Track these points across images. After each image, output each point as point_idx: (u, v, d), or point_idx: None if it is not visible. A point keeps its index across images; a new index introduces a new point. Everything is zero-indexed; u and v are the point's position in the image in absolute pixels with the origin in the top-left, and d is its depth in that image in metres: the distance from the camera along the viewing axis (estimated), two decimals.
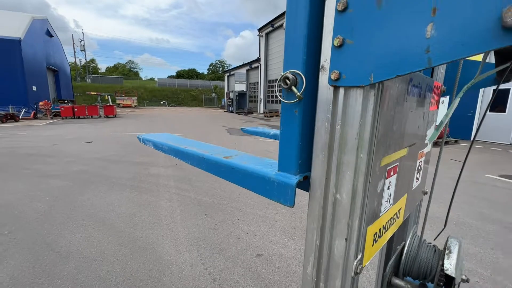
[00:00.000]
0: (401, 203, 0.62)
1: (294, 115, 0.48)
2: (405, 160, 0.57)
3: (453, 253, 0.57)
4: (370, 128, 0.39)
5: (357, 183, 0.41)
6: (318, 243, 0.46)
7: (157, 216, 3.47)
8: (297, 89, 0.45)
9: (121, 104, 30.36)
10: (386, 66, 0.33)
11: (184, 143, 0.89)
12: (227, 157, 0.66)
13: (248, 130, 1.56)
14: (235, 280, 2.31)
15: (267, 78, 26.70)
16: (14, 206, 3.68)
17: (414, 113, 0.57)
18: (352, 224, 0.42)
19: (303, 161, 0.50)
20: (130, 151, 7.46)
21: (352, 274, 0.43)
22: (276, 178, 0.51)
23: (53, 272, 2.36)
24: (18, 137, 9.64)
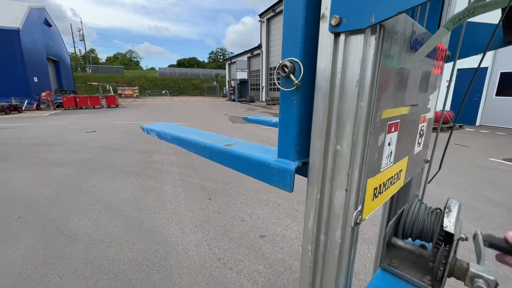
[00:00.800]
0: (402, 165, 0.62)
1: (293, 102, 0.48)
2: (406, 120, 0.57)
3: (452, 211, 0.58)
4: (370, 75, 0.39)
5: (357, 133, 0.41)
6: (318, 196, 0.47)
7: (162, 201, 3.53)
8: (295, 77, 0.46)
9: (122, 94, 30.27)
10: (387, 4, 0.33)
11: (187, 132, 0.90)
12: (229, 145, 0.67)
13: (250, 119, 1.56)
14: (239, 259, 2.37)
15: (269, 65, 26.31)
16: (23, 193, 3.76)
17: (417, 71, 0.56)
18: (352, 175, 0.43)
19: (301, 148, 0.51)
20: (133, 140, 7.51)
21: (352, 225, 0.44)
22: (275, 164, 0.53)
23: (63, 253, 2.44)
24: (22, 127, 9.73)
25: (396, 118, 0.52)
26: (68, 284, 2.05)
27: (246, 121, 1.59)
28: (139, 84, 35.89)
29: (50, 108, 16.88)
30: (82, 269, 2.22)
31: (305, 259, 0.51)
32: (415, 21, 0.50)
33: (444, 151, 0.76)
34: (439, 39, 0.40)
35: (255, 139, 7.62)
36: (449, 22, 0.38)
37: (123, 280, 2.11)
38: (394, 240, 0.63)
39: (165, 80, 42.92)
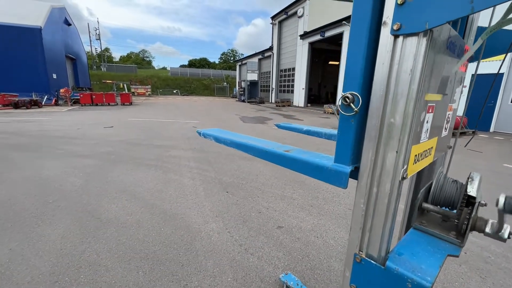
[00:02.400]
0: (433, 143, 0.76)
1: (351, 124, 0.66)
2: (439, 105, 0.71)
3: (475, 180, 0.72)
4: (420, 67, 0.54)
5: (408, 108, 0.56)
6: (373, 158, 0.61)
7: (183, 192, 3.72)
8: (354, 105, 0.63)
9: (135, 92, 30.98)
10: (438, 15, 0.48)
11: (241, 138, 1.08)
12: (288, 151, 0.85)
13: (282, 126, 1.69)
14: (259, 246, 2.52)
15: (279, 67, 26.46)
16: (54, 180, 4.02)
17: (449, 66, 0.70)
18: (402, 140, 0.57)
19: (354, 156, 0.68)
20: (150, 135, 7.78)
21: (400, 179, 0.59)
22: (333, 168, 0.70)
23: (97, 234, 2.64)
24: (44, 121, 10.18)
25: (433, 102, 0.66)
26: (105, 261, 2.24)
27: (278, 128, 1.73)
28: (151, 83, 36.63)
29: (67, 104, 17.50)
30: (116, 249, 2.42)
31: (357, 209, 0.66)
32: (450, 27, 0.65)
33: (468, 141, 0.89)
34: (477, 47, 0.55)
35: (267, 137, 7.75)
36: (484, 34, 0.53)
37: (154, 259, 2.29)
38: (425, 205, 0.77)
39: (176, 79, 43.64)
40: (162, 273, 2.12)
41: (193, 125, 10.10)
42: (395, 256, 0.65)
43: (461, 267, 2.32)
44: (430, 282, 0.56)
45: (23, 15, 18.82)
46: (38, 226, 2.75)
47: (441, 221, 0.79)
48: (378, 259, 0.64)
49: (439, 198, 0.77)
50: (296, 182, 4.23)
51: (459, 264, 2.36)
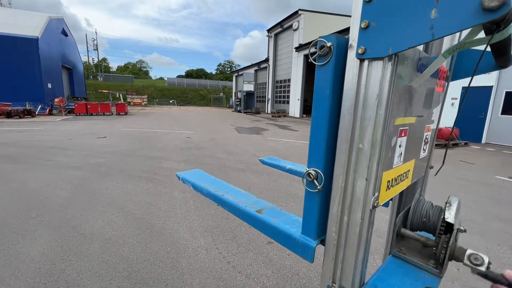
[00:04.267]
0: (410, 166, 0.73)
1: (315, 199, 0.66)
2: (414, 128, 0.69)
3: (452, 206, 0.69)
4: (387, 91, 0.52)
5: (376, 134, 0.53)
6: (343, 184, 0.58)
7: (172, 205, 3.64)
8: (317, 183, 0.63)
9: (131, 102, 30.96)
10: (401, 41, 0.46)
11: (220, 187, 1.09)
12: (259, 211, 0.85)
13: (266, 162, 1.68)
14: (248, 263, 2.44)
15: (275, 78, 26.81)
16: (39, 193, 3.91)
17: (423, 89, 0.69)
18: (371, 167, 0.55)
19: (320, 230, 0.68)
20: (143, 146, 7.70)
21: (370, 208, 0.56)
22: (300, 240, 0.69)
23: (79, 251, 2.54)
24: (36, 131, 10.04)
25: (406, 125, 0.64)
26: (85, 280, 2.14)
27: (262, 163, 1.72)
28: (148, 93, 36.72)
29: (62, 113, 17.37)
30: (98, 267, 2.32)
31: (330, 238, 0.63)
32: (420, 50, 0.63)
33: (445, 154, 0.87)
34: (438, 65, 0.54)
35: (262, 148, 7.75)
36: (446, 52, 0.52)
37: (137, 278, 2.19)
38: (403, 231, 0.74)
39: (173, 89, 43.86)
40: None
41: (187, 135, 10.05)
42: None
43: (454, 284, 2.27)
44: None
45: (22, 26, 18.94)
46: (18, 243, 2.64)
47: (420, 247, 0.75)
48: None
49: (417, 224, 0.74)
50: (289, 194, 4.17)
51: (452, 281, 2.30)
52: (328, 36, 0.57)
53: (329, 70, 0.58)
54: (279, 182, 4.75)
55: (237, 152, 7.22)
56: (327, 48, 0.57)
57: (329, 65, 0.58)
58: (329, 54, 0.57)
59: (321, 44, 0.58)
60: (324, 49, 0.57)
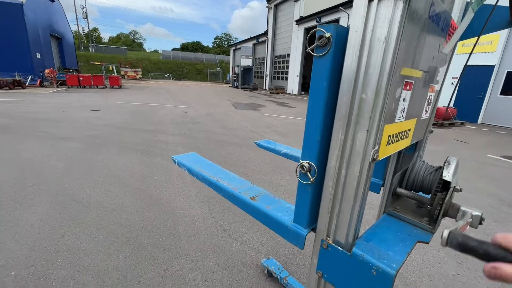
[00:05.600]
0: (411, 124, 0.71)
1: (308, 191, 0.67)
2: (419, 84, 0.66)
3: (451, 165, 0.68)
4: (396, 34, 0.48)
5: (381, 83, 0.50)
6: (342, 137, 0.56)
7: (169, 177, 3.66)
8: (310, 175, 0.64)
9: (125, 75, 30.00)
10: None
11: (215, 172, 1.09)
12: (253, 198, 0.86)
13: (262, 145, 1.65)
14: (243, 231, 2.52)
15: (274, 53, 25.97)
16: (34, 163, 3.89)
17: (431, 40, 0.65)
18: (373, 118, 0.52)
19: (311, 220, 0.70)
20: (138, 119, 7.59)
21: (370, 160, 0.54)
22: (291, 228, 0.72)
23: (77, 218, 2.58)
24: (27, 103, 9.78)
25: (411, 78, 0.61)
26: (85, 245, 2.20)
27: (258, 146, 1.68)
28: (142, 66, 35.51)
29: (53, 85, 16.84)
30: (97, 233, 2.37)
31: (326, 193, 0.62)
32: None
33: None
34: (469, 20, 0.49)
35: (259, 124, 7.70)
36: (474, 4, 0.47)
37: (136, 244, 2.25)
38: (399, 190, 0.74)
39: (168, 63, 42.42)
40: (143, 257, 2.10)
41: (183, 110, 9.90)
42: (363, 242, 0.61)
43: (439, 252, 2.38)
44: (395, 269, 0.53)
45: None
46: (16, 209, 2.66)
47: (415, 207, 0.76)
48: (345, 245, 0.61)
49: (414, 183, 0.74)
50: (284, 169, 4.22)
51: (438, 250, 2.42)
52: (327, 26, 0.53)
53: (327, 62, 0.56)
54: (276, 156, 4.77)
55: (234, 127, 7.17)
56: (326, 39, 0.54)
57: (327, 56, 0.56)
58: (328, 45, 0.55)
59: (319, 34, 0.55)
60: (322, 40, 0.55)
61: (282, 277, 1.86)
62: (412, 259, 2.27)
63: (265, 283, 1.91)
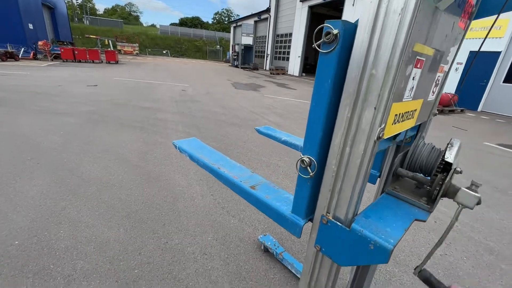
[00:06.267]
0: (417, 105, 0.71)
1: (307, 184, 0.69)
2: (429, 62, 0.65)
3: (454, 147, 0.68)
4: (413, 6, 0.46)
5: (393, 58, 0.49)
6: (349, 115, 0.56)
7: (168, 155, 3.68)
8: (310, 170, 0.66)
9: (122, 50, 29.06)
10: None
11: (216, 159, 1.09)
12: (253, 187, 0.87)
13: (262, 132, 1.63)
14: (241, 209, 2.58)
15: (276, 32, 25.11)
16: (32, 138, 3.86)
17: (446, 16, 0.62)
18: (382, 95, 0.51)
19: (309, 211, 0.73)
20: (136, 96, 7.46)
21: (375, 139, 0.54)
22: (289, 218, 0.75)
23: (78, 192, 2.62)
24: (21, 76, 9.52)
25: (423, 56, 0.59)
26: (86, 218, 2.25)
27: (258, 133, 1.66)
28: (139, 41, 34.31)
29: (47, 58, 16.32)
30: (97, 207, 2.41)
31: (329, 169, 0.63)
32: None
33: None
34: None
35: (259, 105, 7.62)
36: None
37: (136, 218, 2.31)
38: (400, 170, 0.75)
39: (166, 39, 40.99)
40: (143, 231, 2.16)
41: (182, 88, 9.72)
42: (362, 219, 0.63)
43: (430, 234, 2.47)
44: (392, 244, 0.54)
45: None
46: (16, 182, 2.68)
47: (414, 188, 0.77)
48: (345, 221, 0.62)
49: (415, 164, 0.75)
50: (283, 149, 4.24)
51: (428, 231, 2.51)
52: (335, 22, 0.52)
53: (333, 59, 0.55)
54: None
55: (233, 108, 7.10)
56: (333, 35, 0.53)
57: (334, 53, 0.55)
58: (335, 42, 0.54)
59: (327, 30, 0.53)
60: (329, 36, 0.53)
61: (278, 253, 1.94)
62: (403, 240, 2.36)
63: (261, 258, 1.98)
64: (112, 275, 1.71)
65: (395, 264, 2.06)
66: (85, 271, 1.73)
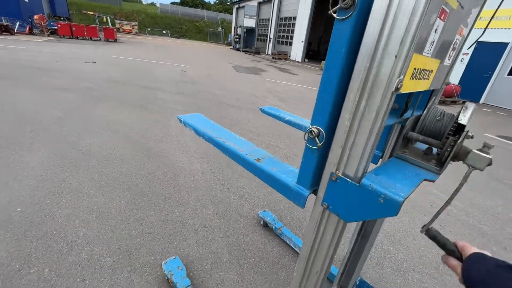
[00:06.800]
0: (434, 66, 0.69)
1: (314, 155, 0.69)
2: (452, 17, 0.62)
3: (468, 109, 0.67)
4: None
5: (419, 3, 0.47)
6: (367, 65, 0.54)
7: (168, 133, 3.66)
8: (318, 140, 0.66)
9: (121, 28, 28.17)
10: None
11: (221, 133, 1.08)
12: (259, 160, 0.88)
13: (266, 111, 1.61)
14: (241, 186, 2.60)
15: (279, 15, 24.35)
16: (31, 111, 3.81)
17: None
18: (404, 43, 0.50)
19: (314, 182, 0.74)
20: (136, 75, 7.33)
21: (393, 90, 0.53)
22: (294, 188, 0.75)
23: (79, 164, 2.62)
24: (17, 50, 9.27)
25: (448, 6, 0.57)
26: (87, 189, 2.26)
27: (262, 112, 1.62)
28: (138, 20, 33.26)
29: (44, 34, 15.84)
30: (98, 179, 2.42)
31: (341, 127, 0.62)
32: None
33: None
34: None
35: (260, 89, 7.52)
36: None
37: (137, 191, 2.32)
38: (411, 134, 0.74)
39: (166, 18, 39.72)
40: (144, 203, 2.18)
41: (182, 69, 9.54)
42: (372, 175, 0.63)
43: (425, 216, 2.52)
44: (402, 197, 0.55)
45: None
46: (16, 152, 2.67)
47: (423, 154, 0.77)
48: (354, 178, 0.62)
49: (427, 128, 0.74)
50: (284, 132, 4.23)
51: (424, 214, 2.56)
52: None
53: (348, 26, 0.54)
54: (276, 121, 4.75)
55: (234, 90, 7.01)
56: (350, 1, 0.52)
57: (350, 20, 0.54)
58: (352, 7, 0.52)
59: None
60: (347, 1, 0.52)
61: (277, 228, 1.98)
62: (399, 221, 2.41)
63: (260, 232, 2.02)
64: (114, 243, 1.75)
65: (390, 243, 2.11)
66: (88, 238, 1.76)
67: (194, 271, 1.62)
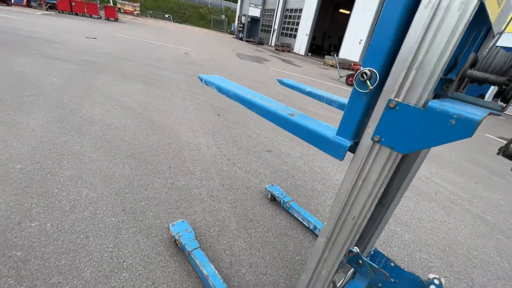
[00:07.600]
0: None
1: (362, 100, 0.65)
2: None
3: None
4: None
5: None
6: None
7: (172, 108, 3.56)
8: (370, 83, 0.61)
9: (122, 9, 27.41)
10: None
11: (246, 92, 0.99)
12: (292, 115, 0.82)
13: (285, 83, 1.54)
14: (247, 162, 2.55)
15: (285, 5, 23.96)
16: (30, 76, 3.67)
17: None
18: None
19: (356, 132, 0.70)
20: (138, 53, 7.13)
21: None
22: (334, 140, 0.71)
23: (80, 130, 2.52)
24: (15, 20, 8.93)
25: None
26: (89, 153, 2.18)
27: (280, 84, 1.54)
28: (141, 1, 32.39)
29: (42, 7, 15.31)
30: (101, 144, 2.34)
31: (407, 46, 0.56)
32: None
33: None
34: None
35: (263, 76, 7.41)
36: None
37: (141, 159, 2.25)
38: (470, 71, 0.68)
39: (169, 2, 38.76)
40: (149, 170, 2.11)
41: (185, 51, 9.33)
42: (437, 101, 0.57)
43: (431, 203, 2.51)
44: (480, 116, 0.49)
45: None
46: (15, 114, 2.56)
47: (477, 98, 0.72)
48: (418, 103, 0.56)
49: (488, 65, 0.68)
50: None
51: (429, 201, 2.54)
52: None
53: None
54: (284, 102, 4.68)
55: (237, 75, 6.89)
56: None
57: None
58: None
59: None
60: None
61: (285, 201, 1.93)
62: (405, 205, 2.39)
63: (268, 205, 1.98)
64: (119, 204, 1.68)
65: (397, 224, 2.09)
66: (91, 198, 1.69)
67: (201, 236, 1.57)
